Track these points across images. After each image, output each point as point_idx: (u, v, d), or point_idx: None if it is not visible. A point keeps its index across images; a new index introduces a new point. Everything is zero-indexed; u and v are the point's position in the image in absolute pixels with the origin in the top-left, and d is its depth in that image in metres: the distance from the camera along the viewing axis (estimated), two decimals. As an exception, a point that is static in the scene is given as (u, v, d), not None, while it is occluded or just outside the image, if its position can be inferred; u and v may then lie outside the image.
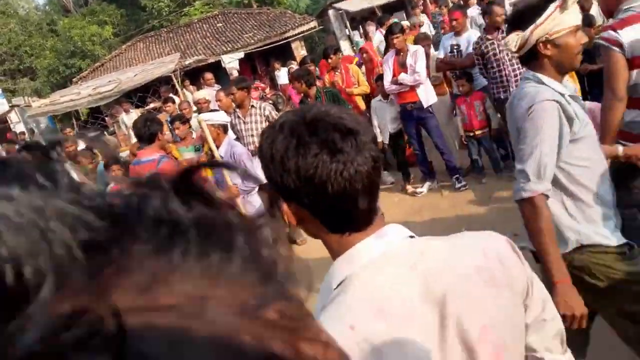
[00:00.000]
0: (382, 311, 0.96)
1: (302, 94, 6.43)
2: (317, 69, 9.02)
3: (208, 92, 8.37)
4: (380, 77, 6.89)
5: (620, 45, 2.74)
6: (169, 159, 4.49)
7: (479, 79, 6.32)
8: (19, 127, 20.77)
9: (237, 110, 6.17)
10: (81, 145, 8.56)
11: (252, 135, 6.04)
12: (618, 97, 2.79)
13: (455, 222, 5.55)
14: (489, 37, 5.93)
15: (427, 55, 6.54)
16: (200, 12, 31.02)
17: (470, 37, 6.39)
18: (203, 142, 6.10)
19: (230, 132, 5.60)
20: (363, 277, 1.00)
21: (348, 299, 0.99)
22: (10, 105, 22.30)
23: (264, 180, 1.02)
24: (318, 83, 6.22)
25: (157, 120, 4.80)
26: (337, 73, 7.51)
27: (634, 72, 2.78)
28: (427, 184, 6.71)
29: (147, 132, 4.48)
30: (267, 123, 6.01)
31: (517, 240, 4.46)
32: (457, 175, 6.45)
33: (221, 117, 5.31)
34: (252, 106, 6.11)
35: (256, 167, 5.23)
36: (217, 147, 5.03)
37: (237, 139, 6.13)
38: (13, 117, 21.60)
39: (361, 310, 0.97)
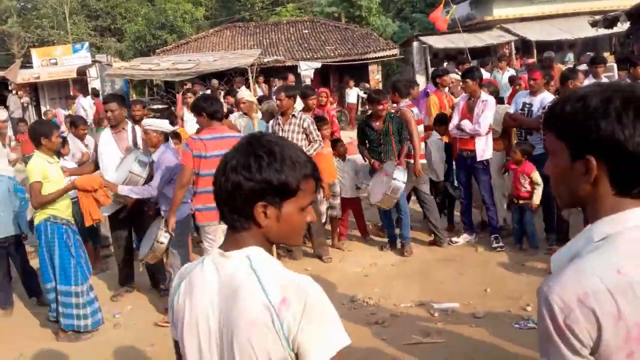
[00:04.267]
0: None
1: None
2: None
3: (250, 94, 8.47)
4: (439, 119, 6.92)
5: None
6: None
7: (541, 143, 6.05)
8: (95, 83, 21.63)
9: (280, 117, 6.20)
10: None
11: None
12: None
13: (480, 280, 5.42)
14: None
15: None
16: (291, 14, 31.63)
17: (544, 99, 6.13)
18: None
19: (170, 140, 5.65)
20: (632, 235, 1.14)
21: (616, 249, 1.13)
22: (92, 60, 23.27)
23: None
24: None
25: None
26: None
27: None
28: (464, 236, 6.55)
29: (220, 110, 4.61)
30: (304, 135, 6.00)
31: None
32: (497, 235, 6.27)
33: (163, 125, 5.41)
34: (293, 115, 6.10)
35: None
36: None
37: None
38: (92, 72, 22.51)
39: (629, 259, 1.11)
